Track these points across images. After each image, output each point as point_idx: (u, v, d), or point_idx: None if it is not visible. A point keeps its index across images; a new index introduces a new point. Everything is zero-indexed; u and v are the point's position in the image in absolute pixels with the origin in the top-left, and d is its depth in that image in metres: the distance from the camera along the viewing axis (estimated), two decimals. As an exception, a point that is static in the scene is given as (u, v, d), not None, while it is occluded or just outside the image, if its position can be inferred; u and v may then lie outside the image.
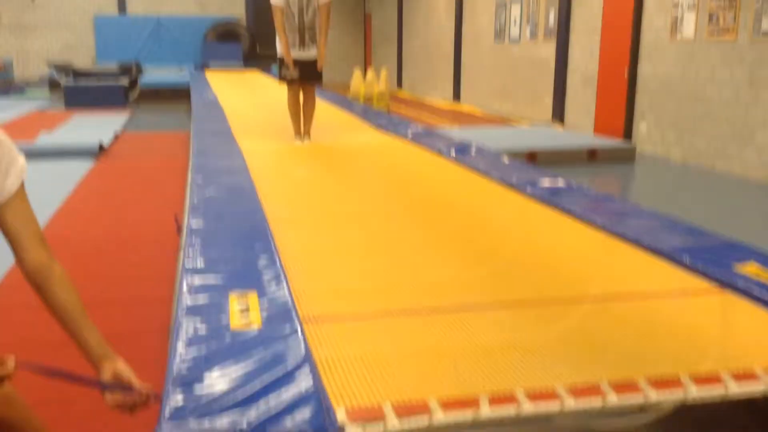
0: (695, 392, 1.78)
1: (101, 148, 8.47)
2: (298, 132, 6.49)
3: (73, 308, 1.51)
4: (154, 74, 15.60)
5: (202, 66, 16.97)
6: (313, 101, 6.55)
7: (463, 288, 2.58)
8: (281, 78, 6.43)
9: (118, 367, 1.50)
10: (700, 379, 1.83)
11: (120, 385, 1.48)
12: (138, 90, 14.54)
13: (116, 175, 7.48)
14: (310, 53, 6.27)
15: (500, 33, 13.44)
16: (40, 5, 20.12)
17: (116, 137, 9.89)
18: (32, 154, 8.09)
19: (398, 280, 2.66)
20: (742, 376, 1.84)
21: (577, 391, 1.77)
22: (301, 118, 6.48)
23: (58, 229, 5.29)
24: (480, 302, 2.43)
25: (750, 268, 2.55)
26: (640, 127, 9.21)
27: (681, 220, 3.33)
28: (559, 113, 11.27)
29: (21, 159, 1.53)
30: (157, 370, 1.99)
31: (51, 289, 1.50)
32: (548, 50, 11.57)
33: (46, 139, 9.20)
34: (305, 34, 6.17)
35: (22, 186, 1.51)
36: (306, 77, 6.35)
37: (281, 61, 6.35)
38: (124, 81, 14.74)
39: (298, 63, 6.25)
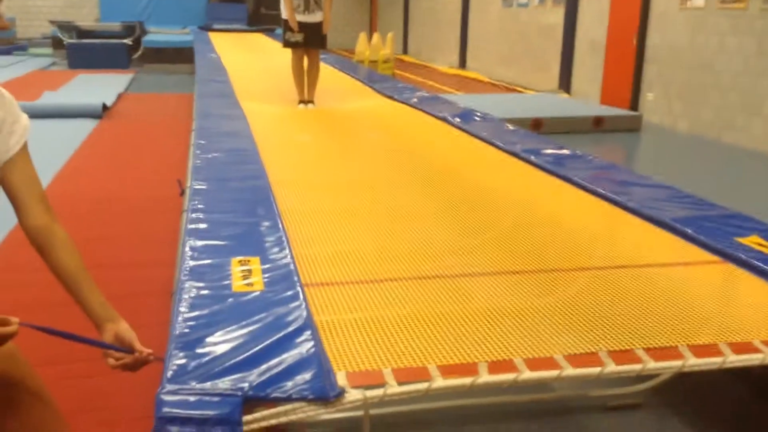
0: (693, 362, 1.79)
1: (104, 108, 8.44)
2: (302, 97, 6.47)
3: (76, 270, 1.51)
4: (158, 35, 15.44)
5: (206, 27, 16.77)
6: (317, 66, 6.52)
7: (464, 255, 2.59)
8: (285, 42, 6.39)
9: (121, 328, 1.51)
10: (699, 350, 1.84)
11: (119, 347, 1.49)
12: (141, 50, 14.41)
13: (119, 135, 7.46)
14: (315, 17, 6.23)
15: (508, -3, 13.26)
16: (42, -38, 19.85)
17: (119, 98, 9.84)
18: (36, 114, 8.06)
19: (400, 246, 2.66)
20: (739, 348, 1.85)
21: (575, 360, 1.78)
22: (305, 83, 6.45)
23: (61, 189, 5.29)
24: (481, 269, 2.44)
25: (752, 240, 2.55)
26: (647, 97, 9.12)
27: (684, 191, 3.32)
28: (565, 81, 11.16)
29: (24, 118, 1.52)
30: (159, 332, 2.01)
31: (53, 251, 1.50)
32: (557, 16, 11.42)
33: (49, 98, 9.15)
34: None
35: (25, 145, 1.50)
36: (310, 42, 6.32)
37: (286, 24, 6.30)
38: (128, 41, 14.60)
39: (302, 27, 6.22)
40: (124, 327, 1.52)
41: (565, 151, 4.16)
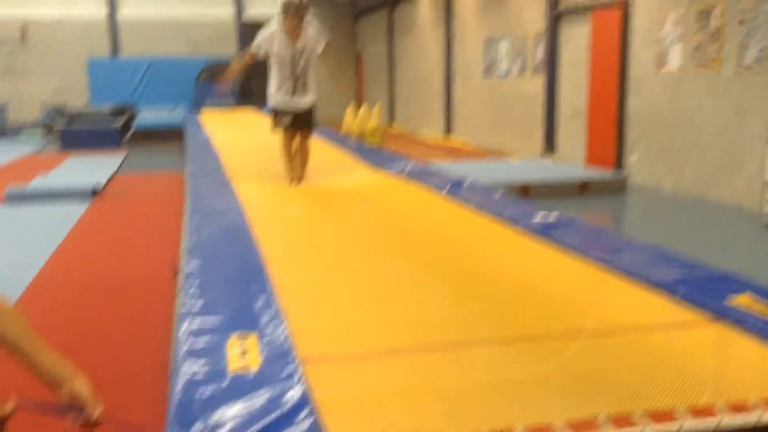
0: (691, 425, 1.80)
1: (95, 190, 8.51)
2: (291, 178, 6.38)
3: (23, 337, 1.47)
4: (148, 115, 15.72)
5: (195, 106, 17.10)
6: (306, 150, 6.44)
7: (458, 325, 2.60)
8: (275, 126, 6.32)
9: (75, 388, 1.47)
10: (696, 412, 1.85)
11: (70, 406, 1.44)
12: (132, 131, 14.65)
13: (111, 216, 7.51)
14: (303, 101, 6.17)
15: (489, 69, 13.63)
16: (32, 48, 20.31)
17: (111, 179, 9.94)
18: (27, 197, 8.12)
19: (394, 318, 2.68)
20: (736, 408, 1.86)
21: (574, 426, 1.79)
22: (294, 166, 6.38)
23: (54, 272, 5.29)
24: (475, 339, 2.45)
25: (743, 300, 2.58)
26: (631, 158, 9.30)
27: (673, 251, 3.36)
28: (550, 146, 11.39)
29: None
30: (153, 410, 2.00)
31: (3, 318, 1.46)
32: (537, 85, 11.73)
33: (40, 181, 9.23)
34: (298, 82, 6.08)
35: None
36: (299, 124, 6.24)
37: (274, 113, 6.26)
38: (118, 123, 14.84)
39: (291, 113, 6.15)
40: (79, 384, 1.47)
41: (554, 216, 4.22)
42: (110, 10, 20.71)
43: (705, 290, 2.72)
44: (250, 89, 19.46)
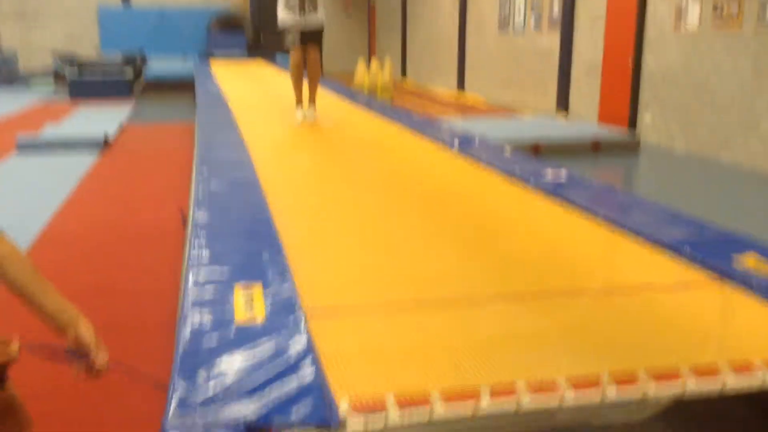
0: (694, 385, 1.80)
1: (106, 140, 8.51)
2: (299, 100, 6.50)
3: (29, 280, 1.48)
4: (159, 65, 15.60)
5: (206, 56, 16.95)
6: (317, 66, 6.55)
7: (464, 280, 2.61)
8: (285, 45, 6.48)
9: (79, 332, 1.47)
10: (699, 372, 1.85)
11: (74, 352, 1.45)
12: (142, 81, 14.57)
13: (121, 167, 7.52)
14: (311, 19, 6.30)
15: (504, 22, 13.40)
16: (43, -4, 20.12)
17: (121, 129, 9.93)
18: (38, 147, 8.13)
19: (400, 272, 2.68)
20: (740, 368, 1.86)
21: (577, 383, 1.80)
22: (304, 86, 6.53)
23: (64, 222, 5.33)
24: (481, 294, 2.46)
25: (749, 260, 2.56)
26: (645, 118, 9.19)
27: (682, 212, 3.34)
28: (563, 103, 11.25)
29: None
30: (162, 362, 2.03)
31: (12, 263, 1.47)
32: (552, 40, 11.54)
33: (51, 131, 9.24)
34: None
35: None
36: (308, 41, 6.39)
37: (283, 32, 6.42)
38: (129, 72, 14.76)
39: (299, 31, 6.30)
40: (83, 329, 1.48)
41: (564, 174, 4.19)
42: (121, -43, 20.42)
43: (711, 250, 2.71)
44: (259, 41, 19.28)
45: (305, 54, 6.46)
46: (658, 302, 2.37)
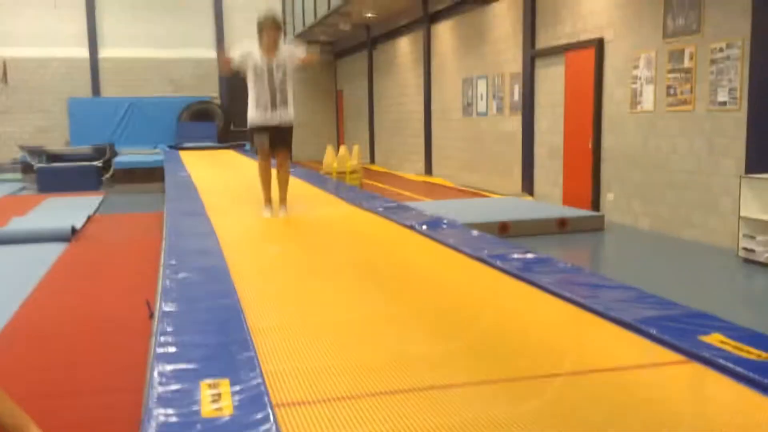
0: (666, 467, 1.80)
1: (74, 231, 8.43)
2: (267, 200, 6.37)
3: None
4: (129, 155, 15.68)
5: (176, 146, 17.12)
6: (286, 169, 6.46)
7: (435, 365, 2.59)
8: (253, 145, 6.38)
9: None
10: (671, 453, 1.85)
11: None
12: (112, 171, 14.59)
13: (89, 258, 7.43)
14: (282, 116, 6.19)
15: (468, 108, 13.81)
16: (13, 89, 20.30)
17: (89, 220, 9.86)
18: (3, 240, 8.02)
19: (371, 358, 2.66)
20: (711, 449, 1.86)
21: (551, 470, 1.78)
22: (271, 187, 6.44)
23: (29, 315, 5.21)
24: (452, 379, 2.44)
25: (715, 338, 2.60)
26: (608, 198, 9.41)
27: (648, 291, 3.39)
28: (528, 185, 11.50)
29: None
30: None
31: None
32: (515, 123, 11.89)
33: (17, 223, 9.14)
34: (276, 95, 6.12)
35: None
36: (278, 143, 6.29)
37: (251, 131, 6.30)
38: (98, 163, 14.79)
39: (269, 128, 6.18)
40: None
41: (532, 256, 4.25)
42: (92, 50, 20.82)
43: (678, 329, 2.74)
44: (229, 131, 19.55)
45: (275, 157, 6.40)
46: (629, 382, 2.38)
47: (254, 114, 6.21)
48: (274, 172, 6.58)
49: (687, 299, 3.33)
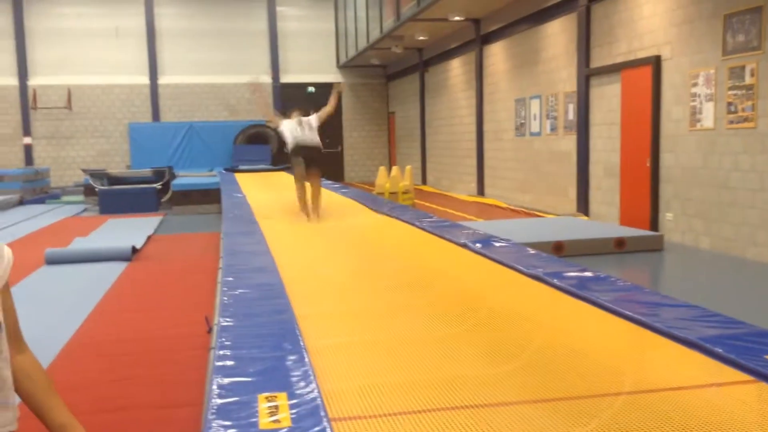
0: (735, 488, 1.73)
1: (134, 250, 8.66)
2: (304, 208, 7.92)
3: (40, 396, 1.61)
4: (186, 178, 16.05)
5: (232, 168, 17.44)
6: (318, 188, 8.02)
7: (489, 383, 2.56)
8: (292, 169, 8.16)
9: None
10: (740, 475, 1.78)
11: None
12: (170, 193, 14.95)
13: (148, 276, 7.61)
14: (311, 137, 7.78)
15: (521, 127, 13.72)
16: (77, 115, 21.08)
17: (149, 240, 10.11)
18: (67, 259, 8.29)
19: (425, 376, 2.65)
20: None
21: (612, 489, 1.73)
22: (309, 208, 7.92)
23: (91, 331, 5.36)
24: (508, 398, 2.41)
25: (784, 358, 2.50)
26: (667, 217, 9.20)
27: (712, 309, 3.29)
28: (583, 205, 11.32)
29: (8, 251, 1.61)
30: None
31: (28, 378, 1.62)
32: (569, 143, 11.76)
33: (79, 244, 9.43)
34: (306, 131, 7.81)
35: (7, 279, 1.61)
36: (310, 162, 7.76)
37: (290, 155, 7.99)
38: (157, 185, 15.19)
39: (302, 148, 7.72)
40: None
41: (589, 274, 4.18)
42: (152, 77, 21.49)
43: (744, 348, 2.65)
44: (284, 153, 19.85)
45: (309, 179, 7.89)
46: (692, 402, 2.30)
47: (291, 141, 7.90)
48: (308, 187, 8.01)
49: (752, 319, 3.21)
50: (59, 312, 5.97)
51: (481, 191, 15.91)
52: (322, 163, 8.11)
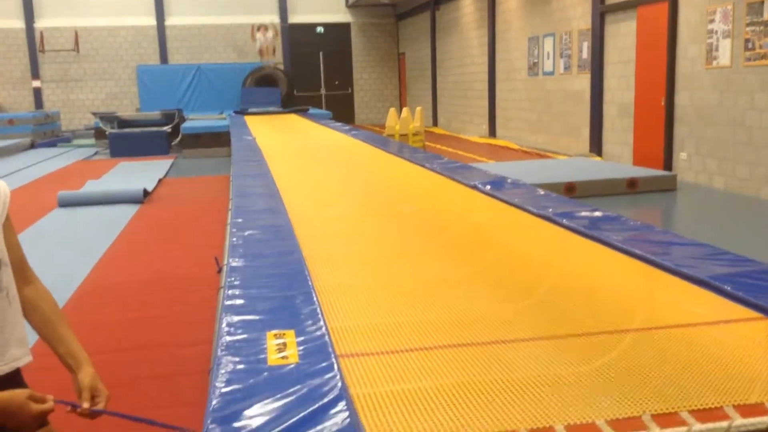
0: (740, 423, 1.73)
1: (146, 193, 8.69)
2: None
3: (53, 323, 1.66)
4: (195, 121, 15.98)
5: (242, 111, 17.34)
6: None
7: (500, 322, 2.57)
8: None
9: (78, 377, 1.61)
10: (745, 411, 1.78)
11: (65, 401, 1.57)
12: (180, 136, 14.91)
13: (160, 219, 7.65)
14: None
15: (533, 67, 13.48)
16: (84, 57, 20.89)
17: (160, 183, 10.14)
18: (79, 202, 8.34)
19: (435, 316, 2.66)
20: (789, 406, 1.79)
21: (618, 425, 1.74)
22: None
23: (103, 273, 5.42)
24: (518, 336, 2.41)
25: (794, 295, 2.49)
26: (680, 156, 9.09)
27: (723, 248, 3.26)
28: (596, 145, 11.20)
29: (3, 185, 1.65)
30: (197, 411, 2.02)
31: (39, 306, 1.66)
32: (583, 82, 11.56)
33: (92, 187, 9.47)
34: None
35: (8, 214, 1.64)
36: None
37: None
38: (167, 128, 15.14)
39: None
40: (82, 375, 1.61)
41: (599, 214, 4.15)
42: (159, 18, 21.18)
43: (754, 286, 2.63)
44: (293, 96, 19.68)
45: None
46: (701, 339, 2.30)
47: None
48: None
49: (764, 257, 3.19)
50: (73, 254, 6.03)
51: (492, 133, 15.76)
52: None
